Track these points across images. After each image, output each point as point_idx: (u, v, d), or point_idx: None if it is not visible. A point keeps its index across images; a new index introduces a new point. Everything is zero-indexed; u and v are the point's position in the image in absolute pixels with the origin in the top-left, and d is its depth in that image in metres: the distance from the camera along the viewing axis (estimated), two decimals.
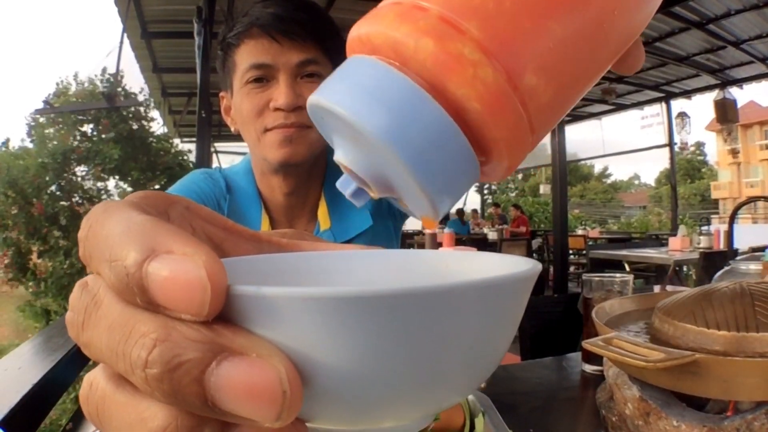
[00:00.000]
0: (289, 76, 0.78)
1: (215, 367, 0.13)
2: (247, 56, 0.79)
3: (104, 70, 7.44)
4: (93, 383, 0.16)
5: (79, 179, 7.40)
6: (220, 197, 0.86)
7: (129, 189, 7.57)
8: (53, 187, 7.00)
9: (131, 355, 0.13)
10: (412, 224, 11.20)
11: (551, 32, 0.21)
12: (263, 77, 0.79)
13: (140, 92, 7.67)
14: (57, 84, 7.61)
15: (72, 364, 0.87)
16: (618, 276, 0.95)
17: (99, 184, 7.55)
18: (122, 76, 7.13)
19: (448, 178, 0.22)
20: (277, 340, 0.15)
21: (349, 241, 0.90)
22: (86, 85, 7.43)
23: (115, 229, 0.15)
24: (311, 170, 0.88)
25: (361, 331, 0.15)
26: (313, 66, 0.79)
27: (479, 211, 14.09)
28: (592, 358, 0.92)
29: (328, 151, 0.95)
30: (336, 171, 0.91)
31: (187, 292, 0.14)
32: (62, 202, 7.05)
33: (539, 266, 0.19)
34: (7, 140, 7.31)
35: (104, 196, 7.53)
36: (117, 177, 7.45)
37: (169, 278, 0.13)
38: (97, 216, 0.16)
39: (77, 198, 7.29)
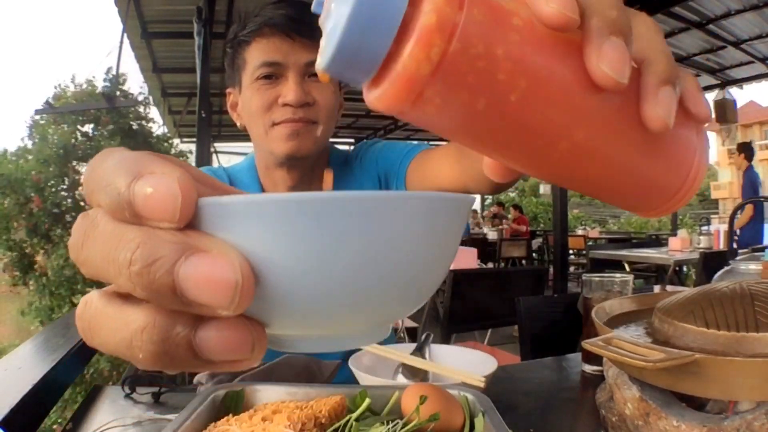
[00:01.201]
0: (297, 74, 0.83)
1: (183, 261, 0.16)
2: (258, 54, 0.83)
3: (109, 70, 7.43)
4: (87, 302, 0.20)
5: (81, 177, 7.40)
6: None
7: None
8: (55, 185, 7.01)
9: (119, 258, 0.17)
10: None
11: None
12: (273, 74, 0.83)
13: (139, 92, 7.68)
14: (55, 87, 7.63)
15: (72, 364, 0.87)
16: (618, 276, 0.95)
17: None
18: (124, 80, 7.13)
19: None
20: (234, 242, 0.17)
21: None
22: (84, 86, 7.43)
23: (110, 163, 0.18)
24: (314, 165, 0.92)
25: (302, 233, 0.17)
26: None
27: (479, 211, 14.08)
28: (591, 358, 0.92)
29: (330, 149, 0.98)
30: (338, 168, 0.94)
31: (164, 203, 0.17)
32: (65, 200, 7.06)
33: (469, 198, 0.21)
34: (5, 151, 7.34)
35: None
36: None
37: (150, 193, 0.17)
38: (96, 159, 0.19)
39: (79, 195, 7.29)
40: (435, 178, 0.81)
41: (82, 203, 7.21)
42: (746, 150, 5.94)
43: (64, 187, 7.14)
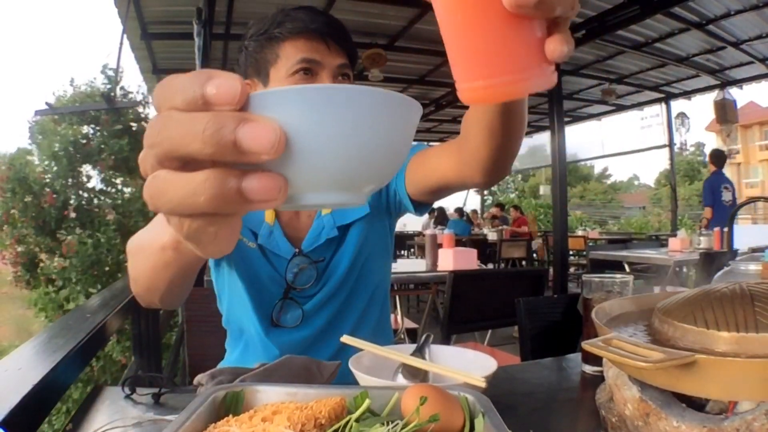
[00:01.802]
0: (331, 74, 0.91)
1: (241, 125, 0.26)
2: (297, 51, 0.90)
3: (105, 66, 7.44)
4: (155, 175, 0.28)
5: (85, 178, 7.40)
6: None
7: (137, 190, 7.56)
8: (62, 182, 7.00)
9: (195, 129, 0.26)
10: (412, 226, 11.20)
11: None
12: (311, 70, 0.90)
13: (137, 91, 7.68)
14: (53, 93, 7.65)
15: (72, 364, 0.87)
16: (618, 277, 0.95)
17: (108, 178, 7.54)
18: (121, 76, 7.13)
19: None
20: (272, 117, 0.27)
21: (347, 225, 1.00)
22: (83, 87, 7.44)
23: (184, 76, 0.27)
24: None
25: (308, 111, 0.27)
26: (347, 69, 0.93)
27: (478, 211, 14.08)
28: (591, 358, 0.92)
29: None
30: None
31: (227, 93, 0.26)
32: (74, 197, 7.06)
33: (417, 105, 0.34)
34: (18, 149, 7.37)
35: (112, 190, 7.53)
36: (126, 172, 7.43)
37: (219, 88, 0.26)
38: (167, 79, 0.28)
39: (87, 193, 7.29)
40: (434, 171, 0.87)
41: (83, 203, 7.21)
42: (713, 157, 6.26)
43: (71, 185, 7.13)
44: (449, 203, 13.15)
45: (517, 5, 0.29)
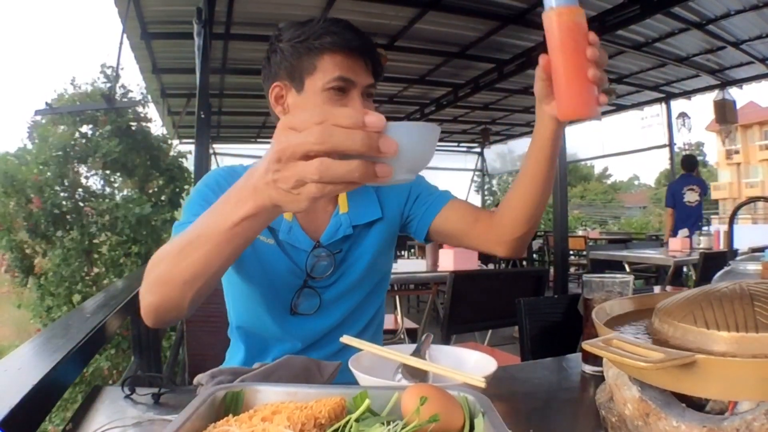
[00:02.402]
0: (359, 92, 0.98)
1: (381, 140, 0.52)
2: (335, 67, 0.95)
3: (104, 65, 7.44)
4: (322, 160, 0.52)
5: (82, 177, 7.38)
6: None
7: (131, 191, 7.56)
8: (55, 186, 6.99)
9: (356, 138, 0.51)
10: None
11: None
12: (343, 88, 0.96)
13: (139, 92, 7.67)
14: (55, 91, 7.63)
15: (72, 365, 0.87)
16: (618, 277, 0.95)
17: (103, 182, 7.54)
18: (120, 75, 7.13)
19: None
20: (391, 136, 0.53)
21: (361, 225, 1.09)
22: (83, 87, 7.43)
23: (344, 110, 0.53)
24: None
25: (407, 135, 0.54)
26: (372, 88, 1.01)
27: None
28: (591, 358, 0.92)
29: None
30: None
31: (377, 125, 0.52)
32: (65, 201, 7.05)
33: (436, 128, 0.58)
34: (5, 154, 7.33)
35: (108, 191, 7.53)
36: (122, 174, 7.43)
37: (373, 120, 0.52)
38: (328, 107, 0.77)
39: (80, 195, 7.28)
40: (465, 235, 1.10)
41: (81, 204, 7.21)
42: (683, 161, 6.79)
43: (64, 188, 7.12)
44: None
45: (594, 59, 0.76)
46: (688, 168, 6.59)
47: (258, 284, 1.04)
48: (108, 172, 7.38)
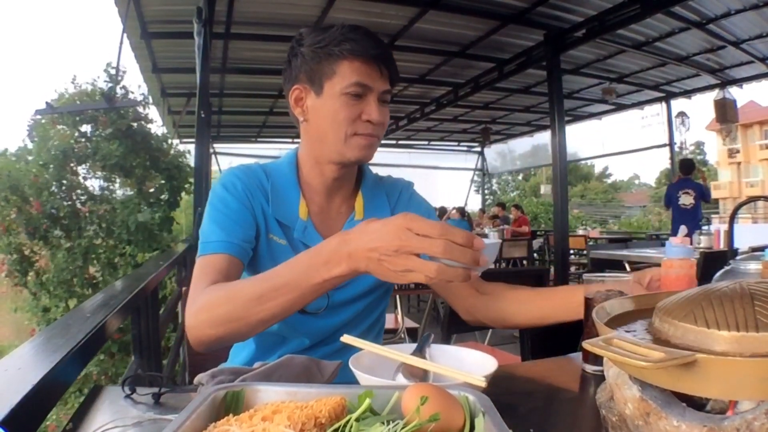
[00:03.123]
0: (376, 98, 1.01)
1: (480, 255, 0.73)
2: (353, 73, 0.99)
3: (109, 65, 7.42)
4: (440, 265, 0.72)
5: (81, 178, 7.38)
6: (262, 180, 1.08)
7: (130, 191, 7.54)
8: (54, 188, 6.99)
9: (465, 252, 0.71)
10: None
11: None
12: (360, 94, 1.00)
13: (138, 89, 7.67)
14: (56, 90, 7.62)
15: (72, 364, 0.87)
16: (619, 275, 0.95)
17: (101, 183, 7.53)
18: (122, 76, 7.12)
19: None
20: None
21: None
22: (83, 86, 7.42)
23: (460, 231, 0.73)
24: (354, 169, 1.14)
25: (489, 251, 0.77)
26: (388, 95, 1.05)
27: (485, 211, 14.06)
28: (592, 358, 0.92)
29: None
30: (369, 177, 1.19)
31: (481, 246, 0.73)
32: (64, 202, 7.04)
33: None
34: (5, 150, 7.31)
35: (105, 194, 7.52)
36: (120, 175, 7.42)
37: (478, 243, 0.72)
38: (447, 225, 0.73)
39: (79, 197, 7.27)
40: (445, 292, 1.28)
41: (78, 205, 7.20)
42: (680, 165, 7.14)
43: (63, 190, 7.12)
44: (449, 203, 13.15)
45: None
46: (685, 171, 6.87)
47: None
48: (107, 173, 7.38)
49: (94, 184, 7.54)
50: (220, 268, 0.96)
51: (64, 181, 7.09)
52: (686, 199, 6.61)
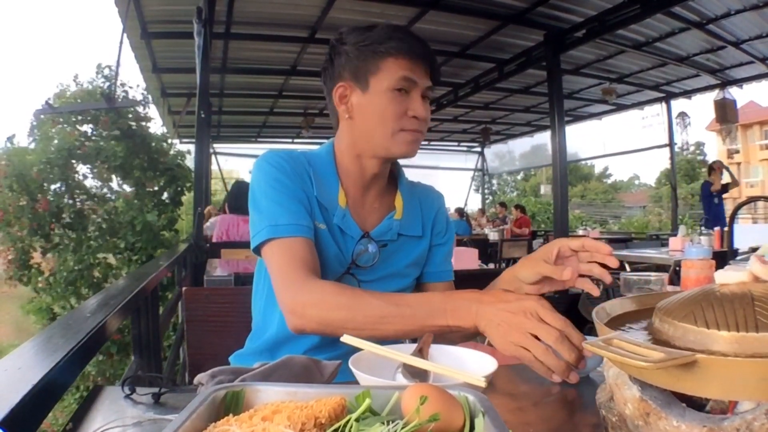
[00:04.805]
0: (419, 93, 1.03)
1: (581, 360, 0.82)
2: (399, 68, 1.01)
3: (100, 66, 7.42)
4: (538, 344, 0.81)
5: (82, 178, 7.39)
6: (305, 165, 1.08)
7: (129, 189, 7.54)
8: (57, 185, 7.00)
9: (573, 352, 0.80)
10: None
11: None
12: (406, 89, 1.02)
13: (137, 87, 7.67)
14: (57, 87, 7.61)
15: (72, 364, 0.87)
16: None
17: (101, 183, 7.54)
18: (114, 77, 7.11)
19: None
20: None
21: (404, 236, 1.16)
22: (84, 86, 7.42)
23: (558, 318, 0.83)
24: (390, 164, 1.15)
25: (591, 360, 0.86)
26: (430, 91, 1.06)
27: (484, 211, 14.06)
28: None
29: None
30: (403, 177, 1.21)
31: (587, 352, 0.80)
32: (67, 200, 7.05)
33: None
34: (13, 135, 7.29)
35: (107, 194, 7.53)
36: (120, 176, 7.43)
37: (587, 349, 0.61)
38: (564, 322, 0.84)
39: (80, 197, 7.28)
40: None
41: (78, 204, 7.21)
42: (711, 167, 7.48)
43: (66, 188, 7.12)
44: (450, 203, 13.18)
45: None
46: (709, 173, 7.39)
47: None
48: (109, 174, 7.38)
49: (96, 184, 7.55)
50: (304, 255, 0.98)
51: (68, 180, 7.10)
52: (715, 199, 7.12)
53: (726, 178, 7.21)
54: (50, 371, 0.75)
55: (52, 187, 6.94)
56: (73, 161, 7.10)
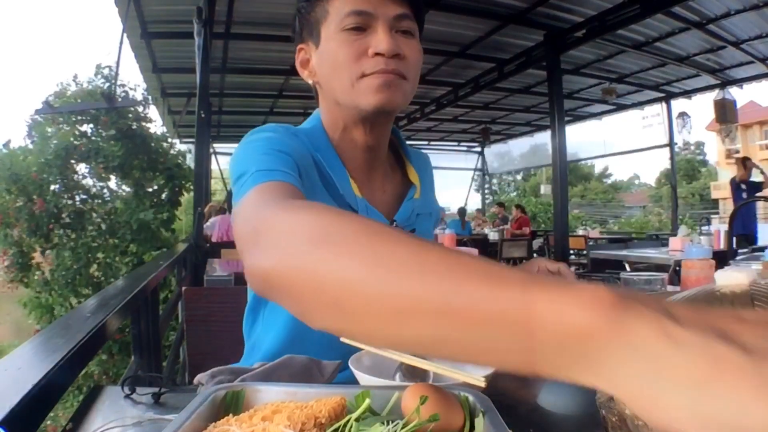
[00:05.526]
0: (387, 26, 0.80)
1: None
2: (346, 3, 0.80)
3: (99, 66, 7.42)
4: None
5: (81, 178, 7.39)
6: (313, 151, 0.86)
7: (128, 189, 7.54)
8: (56, 186, 7.00)
9: None
10: None
11: None
12: (362, 25, 0.80)
13: (137, 89, 7.67)
14: (57, 86, 7.61)
15: (72, 364, 0.86)
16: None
17: (100, 183, 7.54)
18: (121, 84, 7.12)
19: None
20: None
21: (421, 215, 0.98)
22: (85, 85, 7.42)
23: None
24: (387, 129, 0.93)
25: None
26: (407, 22, 0.82)
27: (483, 211, 14.06)
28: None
29: (395, 132, 0.99)
30: (405, 145, 1.00)
31: None
32: (66, 200, 7.05)
33: None
34: (8, 141, 7.30)
35: (106, 195, 7.53)
36: (118, 176, 7.44)
37: None
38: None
39: (79, 197, 7.28)
40: None
41: (79, 204, 7.21)
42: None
43: (64, 188, 7.12)
44: (450, 202, 13.19)
45: None
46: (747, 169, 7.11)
47: None
48: (107, 174, 7.38)
49: (95, 184, 7.56)
50: (294, 195, 0.66)
51: (66, 180, 7.10)
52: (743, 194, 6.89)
53: (757, 176, 7.00)
54: (50, 371, 0.75)
55: (51, 187, 6.94)
56: (73, 161, 7.10)
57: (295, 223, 0.45)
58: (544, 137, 12.21)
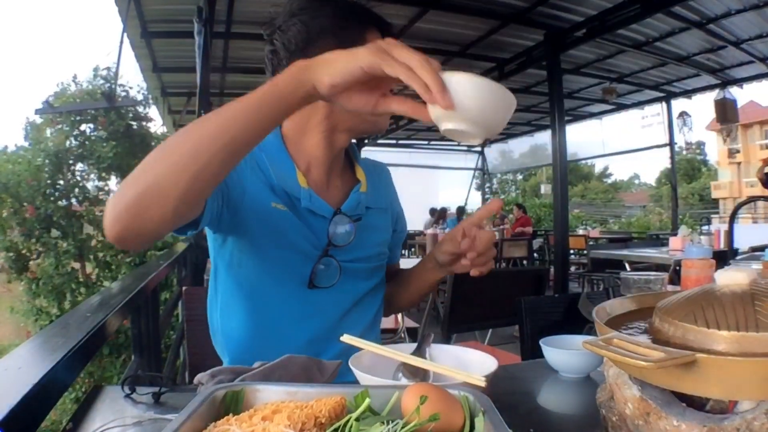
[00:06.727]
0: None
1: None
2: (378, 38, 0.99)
3: (97, 68, 7.42)
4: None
5: (77, 179, 7.38)
6: (257, 152, 0.99)
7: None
8: (49, 190, 6.99)
9: (425, 63, 0.63)
10: (413, 225, 11.20)
11: None
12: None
13: (138, 90, 7.67)
14: (57, 86, 7.61)
15: (72, 364, 0.87)
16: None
17: (99, 183, 7.54)
18: (119, 83, 7.11)
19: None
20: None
21: (371, 209, 1.10)
22: (85, 85, 7.41)
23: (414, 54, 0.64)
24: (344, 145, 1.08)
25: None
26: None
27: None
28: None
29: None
30: (368, 170, 1.15)
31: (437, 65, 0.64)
32: (59, 203, 7.04)
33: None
34: (5, 147, 7.32)
35: (103, 196, 7.53)
36: (118, 175, 7.43)
37: (436, 64, 0.63)
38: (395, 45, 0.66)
39: (75, 197, 7.27)
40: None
41: (76, 204, 7.21)
42: None
43: (59, 190, 7.12)
44: (450, 203, 13.19)
45: None
46: None
47: (271, 258, 0.99)
48: (103, 174, 7.38)
49: (91, 184, 7.55)
50: None
51: (60, 182, 7.09)
52: None
53: None
54: (50, 371, 0.75)
55: (45, 190, 6.94)
56: (70, 162, 7.10)
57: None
58: (544, 137, 12.21)
